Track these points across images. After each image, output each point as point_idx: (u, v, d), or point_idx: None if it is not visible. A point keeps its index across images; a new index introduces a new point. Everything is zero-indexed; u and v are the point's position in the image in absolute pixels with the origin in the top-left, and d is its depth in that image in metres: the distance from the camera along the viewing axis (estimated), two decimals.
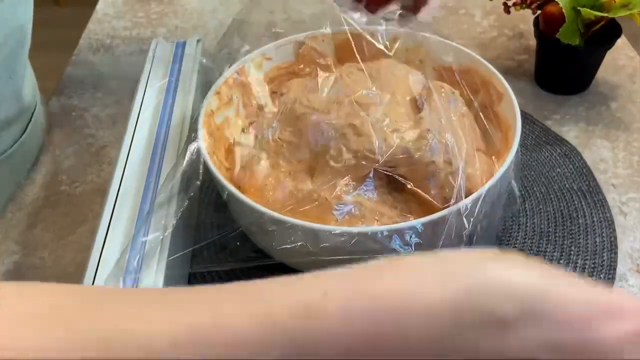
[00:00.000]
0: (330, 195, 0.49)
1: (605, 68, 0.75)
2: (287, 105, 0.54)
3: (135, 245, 0.47)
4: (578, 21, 0.66)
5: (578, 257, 0.55)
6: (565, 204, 0.60)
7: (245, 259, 0.51)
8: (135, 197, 0.51)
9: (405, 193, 0.50)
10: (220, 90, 0.57)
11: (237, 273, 0.53)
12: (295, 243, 0.47)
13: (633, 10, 0.63)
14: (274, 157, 0.53)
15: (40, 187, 0.65)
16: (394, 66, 0.57)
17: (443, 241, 0.48)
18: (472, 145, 0.52)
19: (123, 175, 0.53)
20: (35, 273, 0.57)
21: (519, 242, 0.57)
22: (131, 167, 0.54)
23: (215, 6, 0.93)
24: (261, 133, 0.55)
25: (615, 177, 0.63)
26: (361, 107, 0.51)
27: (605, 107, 0.72)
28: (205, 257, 0.56)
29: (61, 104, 0.76)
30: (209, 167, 0.49)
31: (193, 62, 0.65)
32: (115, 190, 0.52)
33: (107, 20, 0.90)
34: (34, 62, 0.70)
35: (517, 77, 0.76)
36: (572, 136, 0.68)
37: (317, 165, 0.51)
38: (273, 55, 0.61)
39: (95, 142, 0.70)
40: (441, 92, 0.55)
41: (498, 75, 0.56)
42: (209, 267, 0.49)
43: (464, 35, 0.84)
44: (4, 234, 0.60)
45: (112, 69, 0.81)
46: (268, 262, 0.48)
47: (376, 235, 0.44)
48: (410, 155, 0.50)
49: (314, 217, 0.49)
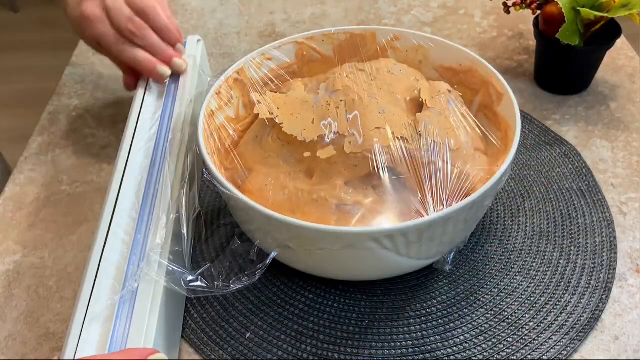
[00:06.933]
0: (330, 195, 0.49)
1: (605, 68, 0.75)
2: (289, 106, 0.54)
3: (135, 250, 0.47)
4: (578, 21, 0.66)
5: (578, 257, 0.55)
6: (564, 203, 0.60)
7: (245, 259, 0.51)
8: (136, 197, 0.51)
9: (405, 193, 0.50)
10: (220, 90, 0.57)
11: (241, 265, 0.53)
12: (295, 243, 0.47)
13: (633, 11, 0.63)
14: (274, 157, 0.53)
15: (41, 187, 0.65)
16: (394, 66, 0.57)
17: (443, 241, 0.48)
18: (471, 145, 0.53)
19: (124, 175, 0.53)
20: (35, 273, 0.57)
21: (518, 242, 0.57)
22: (132, 167, 0.54)
23: (215, 6, 0.93)
24: (261, 133, 0.55)
25: (615, 177, 0.63)
26: (361, 107, 0.51)
27: (604, 107, 0.72)
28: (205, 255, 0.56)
29: (61, 104, 0.76)
30: (209, 167, 0.49)
31: (193, 62, 0.65)
32: (116, 190, 0.52)
33: None
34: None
35: (517, 77, 0.76)
36: (571, 136, 0.68)
37: (317, 165, 0.51)
38: (273, 55, 0.61)
39: (95, 142, 0.70)
40: (441, 92, 0.55)
41: (498, 75, 0.56)
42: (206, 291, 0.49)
43: (464, 35, 0.84)
44: (4, 234, 0.60)
45: (112, 69, 0.81)
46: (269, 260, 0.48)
47: (376, 235, 0.44)
48: (410, 155, 0.50)
49: (314, 217, 0.49)
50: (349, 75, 0.55)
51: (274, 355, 0.49)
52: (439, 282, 0.54)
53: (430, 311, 0.52)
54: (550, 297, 0.52)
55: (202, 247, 0.57)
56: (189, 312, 0.53)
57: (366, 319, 0.52)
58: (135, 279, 0.46)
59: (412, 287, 0.54)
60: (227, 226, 0.59)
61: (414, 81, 0.57)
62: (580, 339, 0.49)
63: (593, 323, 0.50)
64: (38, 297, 0.55)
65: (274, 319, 0.52)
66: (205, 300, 0.53)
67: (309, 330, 0.51)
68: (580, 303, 0.52)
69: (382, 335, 0.50)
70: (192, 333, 0.51)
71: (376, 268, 0.50)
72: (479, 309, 0.52)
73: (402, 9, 0.91)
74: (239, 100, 0.59)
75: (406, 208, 0.49)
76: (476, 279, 0.54)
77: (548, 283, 0.53)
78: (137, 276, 0.46)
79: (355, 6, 0.92)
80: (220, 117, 0.57)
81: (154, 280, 0.46)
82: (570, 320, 0.51)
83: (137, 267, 0.46)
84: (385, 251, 0.46)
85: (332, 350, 0.50)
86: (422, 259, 0.50)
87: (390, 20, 0.88)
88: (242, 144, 0.56)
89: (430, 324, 0.51)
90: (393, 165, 0.50)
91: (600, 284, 0.53)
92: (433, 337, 0.50)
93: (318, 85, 0.57)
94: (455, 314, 0.52)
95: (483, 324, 0.51)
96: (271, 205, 0.49)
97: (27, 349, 0.51)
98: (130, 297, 0.45)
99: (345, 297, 0.53)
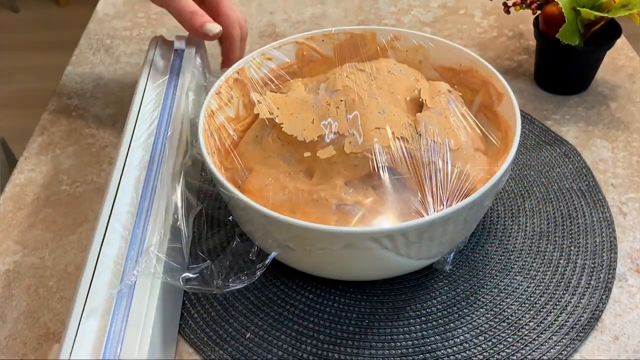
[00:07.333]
0: (330, 195, 0.49)
1: (605, 68, 0.75)
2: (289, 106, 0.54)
3: (134, 245, 0.47)
4: (578, 21, 0.66)
5: (578, 257, 0.55)
6: (564, 203, 0.60)
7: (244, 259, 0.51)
8: (135, 193, 0.51)
9: (405, 193, 0.50)
10: (220, 90, 0.57)
11: (241, 265, 0.53)
12: (295, 243, 0.47)
13: (633, 11, 0.63)
14: (274, 157, 0.53)
15: (41, 187, 0.65)
16: (394, 66, 0.57)
17: (443, 241, 0.48)
18: (471, 145, 0.53)
19: (123, 170, 0.53)
20: (35, 273, 0.57)
21: (518, 242, 0.57)
22: (131, 163, 0.54)
23: None
24: (261, 133, 0.55)
25: (615, 177, 0.63)
26: (361, 107, 0.51)
27: (604, 107, 0.72)
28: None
29: (61, 104, 0.76)
30: (209, 167, 0.49)
31: (193, 62, 0.65)
32: (116, 185, 0.52)
33: (107, 20, 0.90)
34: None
35: (517, 77, 0.76)
36: (571, 136, 0.68)
37: (317, 165, 0.51)
38: (273, 55, 0.61)
39: (95, 142, 0.70)
40: (441, 92, 0.55)
41: (498, 75, 0.56)
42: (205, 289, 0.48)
43: (464, 35, 0.84)
44: (4, 234, 0.60)
45: (112, 69, 0.81)
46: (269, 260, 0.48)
47: (376, 235, 0.44)
48: (409, 155, 0.50)
49: (314, 217, 0.49)
50: (349, 75, 0.55)
51: (274, 355, 0.49)
52: (439, 282, 0.54)
53: (430, 311, 0.52)
54: (550, 297, 0.52)
55: (202, 247, 0.57)
56: (189, 311, 0.53)
57: (366, 319, 0.52)
58: (133, 273, 0.46)
59: (412, 287, 0.54)
60: (227, 226, 0.59)
61: (414, 81, 0.57)
62: (580, 339, 0.49)
63: (593, 323, 0.50)
64: (38, 297, 0.55)
65: (274, 319, 0.52)
66: (205, 300, 0.53)
67: (309, 330, 0.51)
68: (580, 303, 0.52)
69: (382, 335, 0.50)
70: (192, 333, 0.51)
71: (376, 268, 0.50)
72: (479, 309, 0.52)
73: (402, 9, 0.91)
74: (239, 100, 0.59)
75: (406, 208, 0.49)
76: (476, 279, 0.54)
77: (548, 283, 0.53)
78: (135, 271, 0.46)
79: (355, 6, 0.92)
80: (220, 117, 0.57)
81: (151, 275, 0.46)
82: (570, 320, 0.51)
83: (135, 262, 0.46)
84: (385, 251, 0.46)
85: (332, 350, 0.50)
86: (422, 259, 0.50)
87: (390, 20, 0.88)
88: (242, 144, 0.56)
89: (430, 324, 0.51)
90: (393, 165, 0.50)
91: (600, 284, 0.53)
92: (433, 337, 0.50)
93: (318, 85, 0.57)
94: (455, 314, 0.52)
95: (483, 324, 0.51)
96: (271, 205, 0.49)
97: (27, 349, 0.51)
98: (128, 291, 0.45)
99: (345, 297, 0.53)
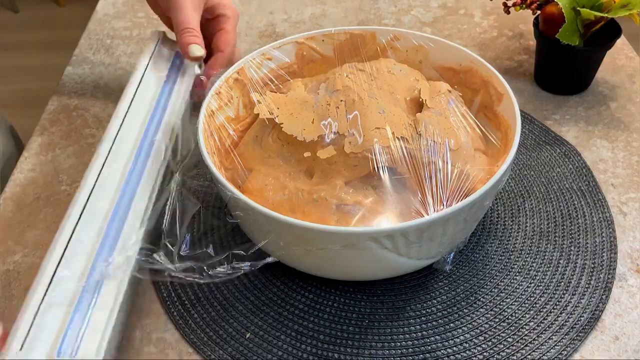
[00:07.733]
0: (330, 195, 0.49)
1: (605, 68, 0.75)
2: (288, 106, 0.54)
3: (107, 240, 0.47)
4: (578, 21, 0.66)
5: (578, 257, 0.55)
6: (564, 203, 0.60)
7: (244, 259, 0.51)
8: (117, 187, 0.51)
9: (405, 193, 0.50)
10: (220, 90, 0.57)
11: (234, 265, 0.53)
12: (295, 243, 0.47)
13: (633, 11, 0.63)
14: (274, 157, 0.53)
15: (41, 187, 0.65)
16: (394, 66, 0.57)
17: (443, 241, 0.48)
18: (471, 145, 0.53)
19: (102, 167, 0.52)
20: (35, 273, 0.57)
21: (518, 242, 0.57)
22: (113, 160, 0.53)
23: None
24: (261, 133, 0.55)
25: (615, 177, 0.63)
26: (361, 107, 0.51)
27: (604, 107, 0.72)
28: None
29: (61, 104, 0.76)
30: (209, 167, 0.49)
31: (193, 62, 0.65)
32: (92, 183, 0.51)
33: (107, 20, 0.90)
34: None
35: (517, 77, 0.76)
36: (571, 136, 0.68)
37: (317, 165, 0.51)
38: (273, 55, 0.61)
39: (95, 142, 0.70)
40: (441, 92, 0.55)
41: (498, 75, 0.56)
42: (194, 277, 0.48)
43: (464, 35, 0.84)
44: (4, 234, 0.60)
45: (112, 69, 0.81)
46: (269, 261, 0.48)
47: (376, 235, 0.44)
48: (409, 155, 0.50)
49: (314, 217, 0.49)
50: (349, 75, 0.55)
51: (274, 355, 0.49)
52: (439, 282, 0.54)
53: (430, 311, 0.52)
54: (550, 297, 0.52)
55: (202, 246, 0.57)
56: (189, 311, 0.53)
57: (366, 319, 0.52)
58: (104, 266, 0.45)
59: (412, 287, 0.54)
60: (227, 226, 0.59)
61: (414, 81, 0.57)
62: (580, 339, 0.49)
63: (593, 323, 0.50)
64: None
65: (274, 319, 0.52)
66: (205, 300, 0.53)
67: (309, 330, 0.51)
68: (580, 303, 0.52)
69: (382, 335, 0.50)
70: (192, 333, 0.51)
71: (376, 268, 0.50)
72: (479, 309, 0.52)
73: (402, 9, 0.91)
74: (239, 100, 0.59)
75: (406, 208, 0.49)
76: (476, 279, 0.54)
77: (548, 283, 0.53)
78: (107, 264, 0.45)
79: (355, 6, 0.92)
80: (220, 117, 0.57)
81: (122, 273, 0.45)
82: (570, 320, 0.51)
83: (107, 258, 0.46)
84: (385, 251, 0.46)
85: (332, 350, 0.50)
86: (422, 259, 0.50)
87: (390, 20, 0.88)
88: (242, 144, 0.56)
89: (430, 324, 0.51)
90: (393, 165, 0.50)
91: (600, 284, 0.53)
92: (433, 337, 0.50)
93: (318, 85, 0.57)
94: (455, 314, 0.52)
95: (483, 324, 0.51)
96: (271, 205, 0.49)
97: None
98: (95, 287, 0.44)
99: (345, 297, 0.53)
